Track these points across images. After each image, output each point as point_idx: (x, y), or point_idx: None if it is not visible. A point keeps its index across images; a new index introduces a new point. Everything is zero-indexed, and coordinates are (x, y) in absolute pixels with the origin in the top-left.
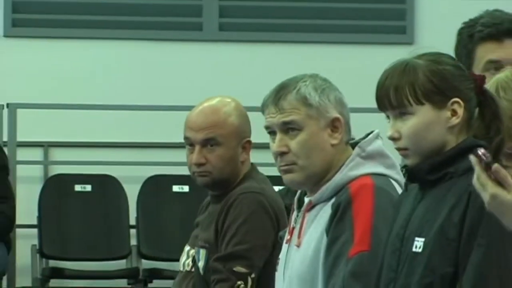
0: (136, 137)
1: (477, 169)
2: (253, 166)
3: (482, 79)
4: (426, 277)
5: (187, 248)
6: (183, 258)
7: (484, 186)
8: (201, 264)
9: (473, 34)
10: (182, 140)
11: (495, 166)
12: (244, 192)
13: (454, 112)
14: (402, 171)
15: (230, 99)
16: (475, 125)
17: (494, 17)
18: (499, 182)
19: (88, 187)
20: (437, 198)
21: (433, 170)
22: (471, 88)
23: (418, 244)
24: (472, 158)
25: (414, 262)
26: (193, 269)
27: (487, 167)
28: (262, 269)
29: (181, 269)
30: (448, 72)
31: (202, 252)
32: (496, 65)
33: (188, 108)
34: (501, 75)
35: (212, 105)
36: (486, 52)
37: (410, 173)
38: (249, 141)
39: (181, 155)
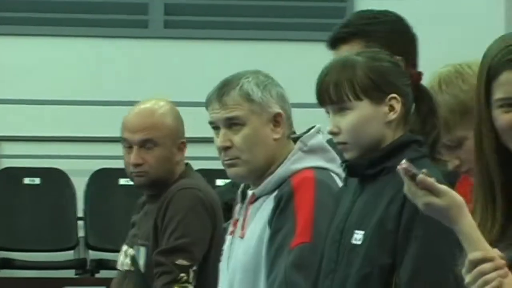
0: (83, 131)
1: (405, 181)
2: (188, 165)
3: (418, 75)
4: (364, 267)
5: (124, 247)
6: (121, 257)
7: (416, 196)
8: (141, 262)
9: None
10: None
11: (420, 177)
12: (182, 188)
13: (391, 108)
14: (341, 166)
15: (164, 102)
16: (412, 120)
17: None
18: (428, 190)
19: (37, 180)
20: (376, 192)
21: (372, 165)
22: (408, 84)
23: (358, 236)
24: (399, 171)
25: (353, 253)
26: (132, 268)
27: (413, 178)
28: (201, 261)
29: (120, 268)
30: (385, 69)
31: (142, 250)
32: None
33: (133, 103)
34: (443, 69)
35: (148, 107)
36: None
37: (349, 168)
38: (184, 142)
39: None
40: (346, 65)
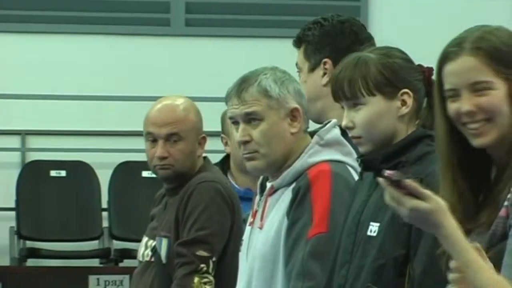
0: (108, 125)
1: (388, 189)
2: (206, 159)
3: (430, 71)
4: (379, 259)
5: (145, 239)
6: (141, 249)
7: (400, 202)
8: (163, 253)
9: None
10: None
11: (406, 181)
12: (202, 181)
13: (404, 102)
14: (357, 160)
15: (184, 98)
16: (423, 114)
17: None
18: (413, 195)
19: (63, 173)
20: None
21: (386, 159)
22: (419, 80)
23: (373, 228)
24: (380, 180)
25: (368, 245)
26: (153, 259)
27: (397, 185)
28: (221, 252)
29: (141, 259)
30: (397, 65)
31: (164, 241)
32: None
33: (155, 99)
34: None
35: (172, 103)
36: None
37: (365, 162)
38: (204, 137)
39: None
40: (359, 63)
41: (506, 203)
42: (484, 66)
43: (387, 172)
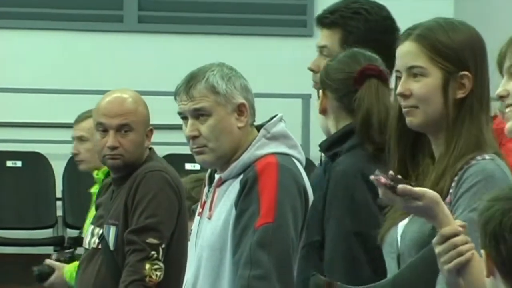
0: (62, 118)
1: (381, 189)
2: (152, 150)
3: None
4: (304, 245)
5: (91, 227)
6: (88, 237)
7: (394, 201)
8: (111, 240)
9: None
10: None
11: (400, 187)
12: (151, 170)
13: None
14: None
15: (132, 91)
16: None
17: None
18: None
19: (19, 163)
20: (322, 174)
21: (328, 148)
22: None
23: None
24: (373, 179)
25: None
26: (100, 246)
27: (391, 187)
28: (169, 240)
29: (87, 247)
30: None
31: (112, 229)
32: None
33: (103, 92)
34: None
35: (122, 95)
36: None
37: (320, 148)
38: (152, 130)
39: None
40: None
41: (450, 190)
42: (421, 53)
43: (382, 179)
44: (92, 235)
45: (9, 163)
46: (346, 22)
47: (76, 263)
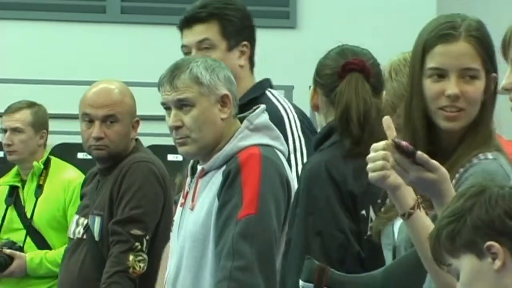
0: (48, 108)
1: (396, 156)
2: (138, 141)
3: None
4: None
5: (76, 217)
6: (72, 226)
7: (407, 169)
8: (96, 230)
9: None
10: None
11: (419, 154)
12: (137, 161)
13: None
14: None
15: (118, 82)
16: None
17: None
18: (422, 165)
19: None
20: None
21: (317, 145)
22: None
23: None
24: (389, 144)
25: None
26: (84, 236)
27: (409, 155)
28: (154, 232)
29: (72, 236)
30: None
31: (97, 219)
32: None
33: (91, 83)
34: (395, 58)
35: (108, 86)
36: None
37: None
38: (138, 121)
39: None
40: None
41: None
42: (477, 55)
43: (403, 143)
44: (77, 225)
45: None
46: (223, 12)
47: (39, 252)
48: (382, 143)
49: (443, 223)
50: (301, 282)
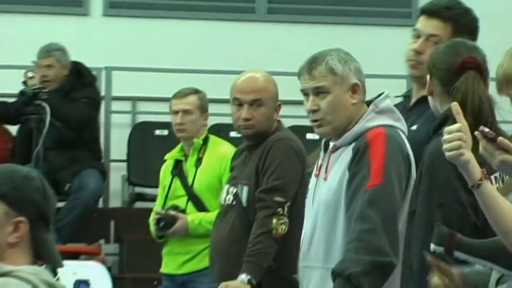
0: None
1: (482, 143)
2: (280, 122)
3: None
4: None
5: (226, 186)
6: (223, 194)
7: (492, 155)
8: (244, 198)
9: None
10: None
11: (500, 138)
12: (279, 139)
13: None
14: None
15: (264, 72)
16: None
17: None
18: (504, 150)
19: (165, 132)
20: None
21: (434, 130)
22: None
23: None
24: (477, 134)
25: None
26: (234, 203)
27: (492, 140)
28: (293, 199)
29: (223, 203)
30: None
31: (245, 188)
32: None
33: (239, 72)
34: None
35: (255, 75)
36: None
37: None
38: (280, 105)
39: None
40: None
41: None
42: None
43: (486, 130)
44: (227, 193)
45: (157, 132)
46: (459, 19)
47: (199, 214)
48: (455, 126)
49: None
50: (432, 245)
